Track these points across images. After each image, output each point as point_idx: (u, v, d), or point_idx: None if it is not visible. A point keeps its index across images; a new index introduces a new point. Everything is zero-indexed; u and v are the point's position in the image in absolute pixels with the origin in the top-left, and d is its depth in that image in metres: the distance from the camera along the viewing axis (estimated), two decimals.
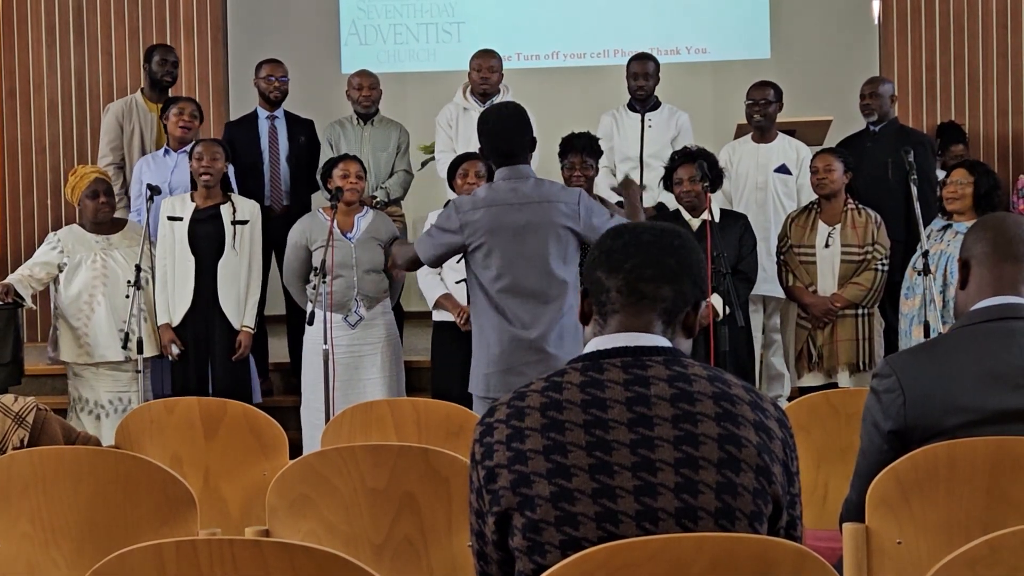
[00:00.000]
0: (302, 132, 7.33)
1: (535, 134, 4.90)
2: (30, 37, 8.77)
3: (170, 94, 7.38)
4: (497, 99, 7.07)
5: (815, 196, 6.42)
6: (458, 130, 7.12)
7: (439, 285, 6.15)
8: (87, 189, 6.23)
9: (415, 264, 5.07)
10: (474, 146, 6.84)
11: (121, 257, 6.19)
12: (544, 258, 4.73)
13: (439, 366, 6.20)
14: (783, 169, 6.89)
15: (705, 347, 5.33)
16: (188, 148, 6.53)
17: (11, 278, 6.19)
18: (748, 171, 6.94)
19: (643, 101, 7.22)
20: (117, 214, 6.94)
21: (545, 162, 6.95)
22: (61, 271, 6.19)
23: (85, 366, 6.18)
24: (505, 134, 4.79)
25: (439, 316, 6.20)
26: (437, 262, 5.01)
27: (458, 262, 5.07)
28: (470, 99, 7.14)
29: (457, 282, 6.02)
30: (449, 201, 5.64)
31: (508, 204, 4.71)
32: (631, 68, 7.25)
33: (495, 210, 4.71)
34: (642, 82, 7.18)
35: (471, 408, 4.56)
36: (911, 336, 5.83)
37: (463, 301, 6.01)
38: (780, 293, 6.55)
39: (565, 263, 4.77)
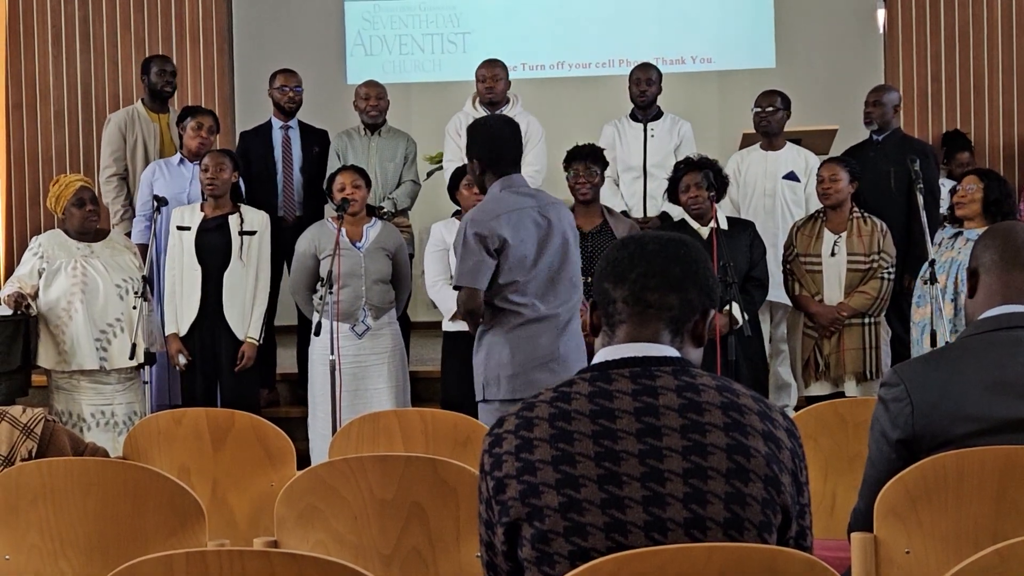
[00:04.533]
0: (316, 142, 7.33)
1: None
2: (36, 48, 8.79)
3: (170, 104, 7.40)
4: (506, 108, 7.08)
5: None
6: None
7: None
8: (73, 197, 6.15)
9: (475, 297, 4.72)
10: None
11: (101, 266, 6.12)
12: (568, 259, 4.80)
13: (450, 376, 6.18)
14: (792, 176, 6.90)
15: (713, 358, 5.33)
16: None
17: (5, 290, 6.15)
18: (757, 178, 6.94)
19: (645, 109, 7.23)
20: (121, 224, 6.97)
21: (550, 172, 6.97)
22: (41, 276, 6.12)
23: (65, 378, 6.08)
24: (501, 143, 4.77)
25: (450, 326, 6.16)
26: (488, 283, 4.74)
27: None
28: (479, 108, 7.14)
29: None
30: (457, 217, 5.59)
31: (527, 208, 4.71)
32: (633, 75, 7.27)
33: (521, 214, 4.70)
34: (644, 87, 7.18)
35: (477, 417, 4.56)
36: (923, 345, 5.81)
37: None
38: (788, 300, 6.54)
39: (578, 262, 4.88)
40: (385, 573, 2.90)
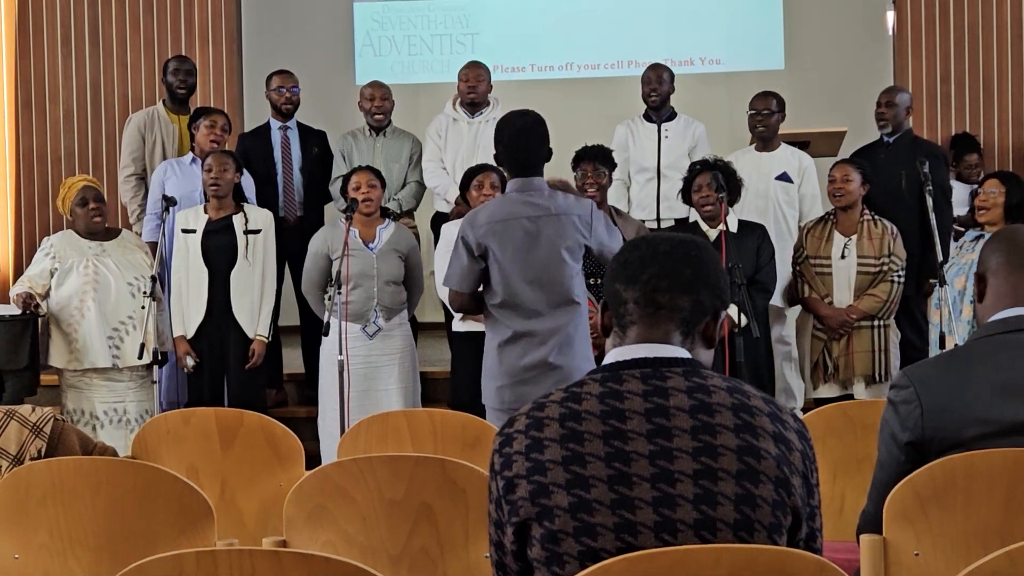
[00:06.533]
0: (315, 143, 7.35)
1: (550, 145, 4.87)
2: (46, 48, 8.81)
3: (190, 103, 7.40)
4: (487, 110, 7.10)
5: (816, 205, 6.42)
6: (447, 141, 7.13)
7: None
8: (76, 197, 6.17)
9: (460, 298, 4.82)
10: (461, 157, 6.87)
11: (114, 264, 6.13)
12: (556, 273, 4.70)
13: (459, 377, 6.18)
14: (784, 177, 6.87)
15: (722, 359, 5.33)
16: None
17: (14, 290, 6.17)
18: (750, 179, 6.90)
19: (657, 109, 7.22)
20: (139, 223, 6.98)
21: (559, 173, 6.95)
22: (53, 276, 6.12)
23: (78, 377, 6.08)
24: (524, 144, 4.72)
25: (459, 327, 6.16)
26: (476, 287, 4.79)
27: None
28: (459, 110, 7.16)
29: None
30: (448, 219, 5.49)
31: (522, 218, 4.65)
32: (644, 75, 7.26)
33: (508, 224, 4.66)
34: (654, 85, 7.18)
35: (486, 418, 4.56)
36: (939, 346, 5.81)
37: None
38: (781, 304, 6.54)
39: (575, 277, 4.75)
40: (394, 573, 2.90)
